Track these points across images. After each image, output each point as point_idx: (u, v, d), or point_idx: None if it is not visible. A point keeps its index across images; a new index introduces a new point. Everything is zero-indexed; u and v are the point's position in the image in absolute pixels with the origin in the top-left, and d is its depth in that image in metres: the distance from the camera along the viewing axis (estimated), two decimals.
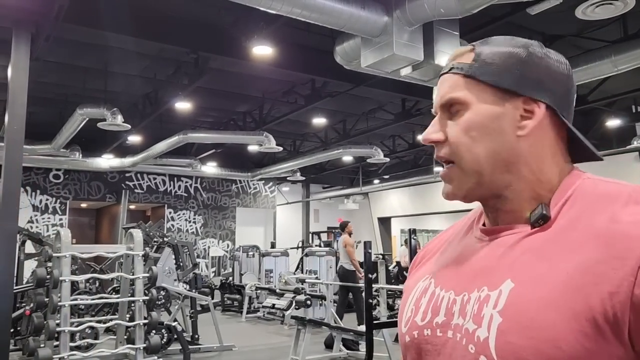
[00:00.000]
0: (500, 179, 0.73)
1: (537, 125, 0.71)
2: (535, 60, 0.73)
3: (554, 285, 0.63)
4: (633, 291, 0.58)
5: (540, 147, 0.72)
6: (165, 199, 14.99)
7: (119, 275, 6.15)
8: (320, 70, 7.90)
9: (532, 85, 0.72)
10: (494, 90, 0.73)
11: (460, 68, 0.76)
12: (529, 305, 0.63)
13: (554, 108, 0.72)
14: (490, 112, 0.72)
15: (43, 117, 10.32)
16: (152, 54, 7.87)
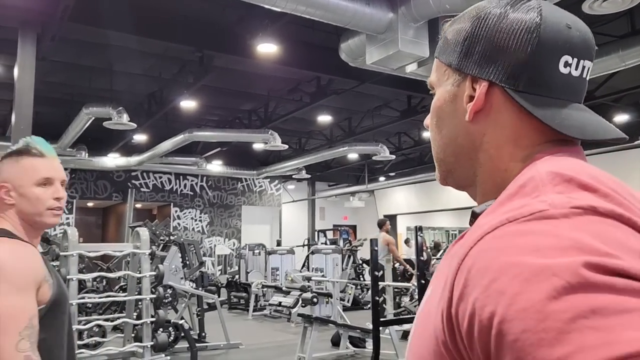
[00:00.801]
0: (466, 167, 0.65)
1: (484, 107, 0.61)
2: (483, 29, 0.62)
3: (432, 296, 0.57)
4: (449, 309, 0.49)
5: (495, 131, 0.62)
6: (171, 198, 15.03)
7: (126, 274, 6.18)
8: (326, 67, 7.89)
9: (477, 60, 0.62)
10: (451, 70, 0.65)
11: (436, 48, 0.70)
12: (421, 315, 0.60)
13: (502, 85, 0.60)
14: (445, 95, 0.66)
15: (49, 116, 10.36)
16: (157, 53, 7.88)
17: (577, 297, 0.40)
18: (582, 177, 0.52)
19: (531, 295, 0.42)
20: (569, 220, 0.47)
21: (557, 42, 0.59)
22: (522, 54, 0.59)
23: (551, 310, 0.40)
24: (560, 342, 0.39)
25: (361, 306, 10.92)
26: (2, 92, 8.89)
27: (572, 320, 0.40)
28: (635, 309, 0.39)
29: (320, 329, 6.73)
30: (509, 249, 0.46)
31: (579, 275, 0.41)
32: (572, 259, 0.42)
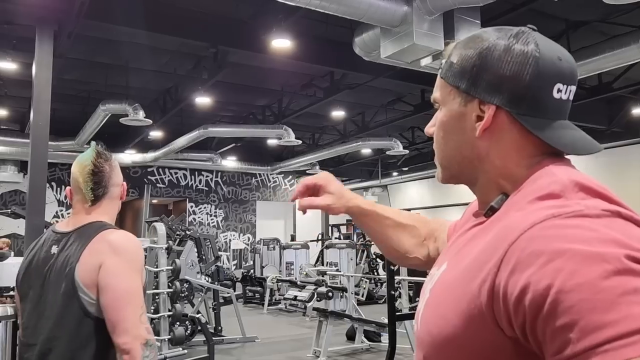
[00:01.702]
0: (468, 173, 0.78)
1: (490, 126, 0.73)
2: (490, 60, 0.73)
3: (460, 269, 0.69)
4: (494, 280, 0.60)
5: (500, 145, 0.74)
6: (186, 193, 15.14)
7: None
8: (339, 62, 7.87)
9: (485, 86, 0.73)
10: (457, 91, 0.76)
11: (439, 68, 0.81)
12: (442, 285, 0.72)
13: (507, 108, 0.72)
14: (454, 113, 0.77)
15: (66, 113, 10.48)
16: (172, 49, 7.93)
17: (624, 279, 0.52)
18: (594, 186, 0.65)
19: (586, 273, 0.53)
20: (601, 220, 0.58)
21: (551, 73, 0.71)
22: (523, 82, 0.71)
23: (605, 286, 0.51)
24: (612, 310, 0.50)
25: (375, 300, 10.93)
26: (21, 90, 9.01)
27: (621, 295, 0.51)
28: None
29: (336, 323, 6.75)
30: (560, 238, 0.57)
31: (624, 263, 0.53)
32: (616, 250, 0.54)
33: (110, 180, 1.65)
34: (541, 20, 7.01)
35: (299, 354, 6.70)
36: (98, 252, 1.48)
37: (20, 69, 7.94)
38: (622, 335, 0.49)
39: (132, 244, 1.55)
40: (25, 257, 1.65)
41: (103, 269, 1.45)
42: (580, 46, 6.79)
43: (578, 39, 7.02)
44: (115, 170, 1.69)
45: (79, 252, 1.48)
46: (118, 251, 1.49)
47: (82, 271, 1.46)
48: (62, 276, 1.47)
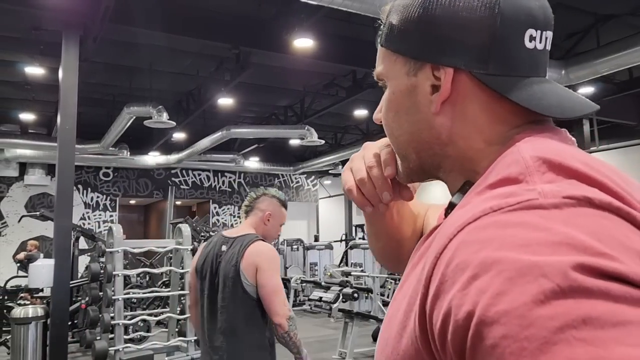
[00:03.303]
0: (429, 161, 0.61)
1: (450, 96, 0.56)
2: (439, 9, 0.55)
3: (404, 288, 0.53)
4: (424, 306, 0.44)
5: (464, 120, 0.56)
6: (210, 195, 15.24)
7: (169, 270, 6.28)
8: (362, 61, 7.80)
9: (436, 46, 0.55)
10: (404, 59, 0.59)
11: (379, 35, 0.63)
12: (391, 307, 0.55)
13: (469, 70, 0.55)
14: (402, 87, 0.60)
15: (92, 117, 10.63)
16: (194, 51, 7.97)
17: (568, 303, 0.35)
18: (572, 163, 0.46)
19: (515, 296, 0.36)
20: (560, 212, 0.41)
21: (520, 16, 0.54)
22: (485, 33, 0.53)
23: (537, 316, 0.35)
24: (544, 353, 0.34)
25: None
26: (48, 94, 9.17)
27: (559, 329, 0.34)
28: (631, 321, 0.34)
29: (361, 324, 6.70)
30: (493, 242, 0.40)
31: (571, 278, 0.36)
32: (564, 258, 0.37)
33: (257, 207, 2.43)
34: (569, 14, 6.85)
35: (325, 355, 6.66)
36: (254, 255, 2.23)
37: (47, 74, 8.08)
38: None
39: (274, 252, 2.33)
40: (202, 251, 2.40)
41: (260, 271, 2.21)
42: (609, 40, 6.62)
43: (607, 33, 6.84)
44: (267, 203, 2.43)
45: (242, 252, 2.24)
46: (267, 257, 2.25)
47: (244, 264, 2.22)
48: (230, 265, 2.23)
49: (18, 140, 10.97)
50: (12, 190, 12.83)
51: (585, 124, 10.11)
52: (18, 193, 12.86)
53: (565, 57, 7.35)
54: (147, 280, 8.77)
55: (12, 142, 11.01)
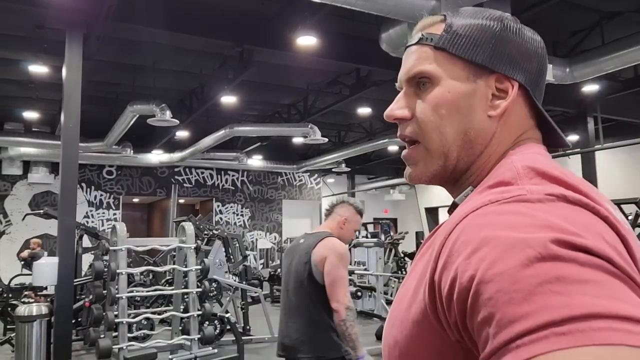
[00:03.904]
0: (465, 160, 0.69)
1: (510, 104, 0.67)
2: (509, 35, 0.68)
3: (415, 272, 0.64)
4: (432, 278, 0.55)
5: (503, 129, 0.68)
6: (213, 193, 15.25)
7: (173, 268, 6.28)
8: (365, 58, 7.80)
9: (506, 61, 0.67)
10: (465, 64, 0.67)
11: (430, 39, 0.69)
12: (401, 291, 0.66)
13: (527, 88, 0.68)
14: (461, 88, 0.67)
15: (95, 115, 10.65)
16: (197, 50, 7.97)
17: (546, 266, 0.46)
18: (553, 171, 0.59)
19: (507, 262, 0.47)
20: (542, 204, 0.53)
21: (543, 57, 0.70)
22: (537, 65, 0.68)
23: (523, 276, 0.46)
24: (527, 301, 0.44)
25: None
26: (52, 92, 9.18)
27: (539, 284, 0.45)
28: (592, 280, 0.45)
29: (365, 323, 6.69)
30: (490, 225, 0.52)
31: (549, 248, 0.47)
32: (544, 235, 0.48)
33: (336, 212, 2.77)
34: (574, 12, 6.82)
35: None
36: (325, 247, 2.57)
37: (51, 72, 8.08)
38: (535, 329, 0.43)
39: (345, 248, 2.61)
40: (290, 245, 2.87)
41: (327, 261, 2.52)
42: (614, 37, 6.58)
43: (612, 30, 6.80)
44: (344, 209, 2.77)
45: (315, 244, 2.59)
46: (335, 251, 2.55)
47: (314, 254, 2.56)
48: (304, 254, 2.61)
49: (22, 138, 11.00)
50: (16, 188, 12.86)
51: (590, 122, 10.07)
52: (22, 191, 12.90)
53: (569, 54, 7.32)
54: (150, 278, 8.78)
55: (16, 141, 11.04)
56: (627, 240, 0.52)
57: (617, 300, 0.43)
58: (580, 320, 0.42)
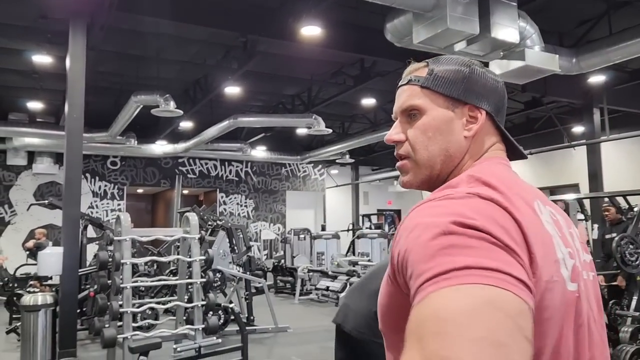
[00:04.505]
0: (446, 171, 0.89)
1: (480, 127, 0.88)
2: (476, 76, 0.90)
3: None
4: (392, 253, 0.75)
5: (474, 146, 0.88)
6: (217, 184, 15.26)
7: (177, 258, 6.30)
8: (370, 49, 7.75)
9: (475, 95, 0.89)
10: (445, 99, 0.89)
11: (417, 80, 0.90)
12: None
13: (491, 114, 0.89)
14: (443, 116, 0.88)
15: (99, 105, 10.63)
16: (201, 40, 7.93)
17: (445, 238, 0.66)
18: (486, 177, 0.78)
19: (423, 237, 0.67)
20: (460, 200, 0.72)
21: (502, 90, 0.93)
22: (499, 99, 0.91)
23: (430, 245, 0.66)
24: (430, 261, 0.64)
25: None
26: (56, 83, 9.17)
27: (439, 250, 0.65)
28: (473, 246, 0.64)
29: None
30: (421, 214, 0.72)
31: (448, 227, 0.66)
32: (448, 218, 0.67)
33: None
34: (581, 1, 6.75)
35: (332, 344, 6.67)
36: None
37: (55, 63, 8.07)
38: (432, 277, 0.62)
39: None
40: None
41: None
42: (622, 27, 6.51)
43: (620, 19, 6.73)
44: None
45: None
46: None
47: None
48: None
49: (26, 129, 11.01)
50: (20, 178, 12.90)
51: (596, 113, 10.00)
52: (27, 181, 12.94)
53: (576, 45, 7.25)
54: (154, 269, 8.81)
55: (20, 131, 11.06)
56: (521, 224, 0.69)
57: (485, 259, 0.63)
58: (459, 270, 0.62)
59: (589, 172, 10.38)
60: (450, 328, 0.57)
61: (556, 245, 0.73)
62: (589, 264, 0.83)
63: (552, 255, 0.71)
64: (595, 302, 0.81)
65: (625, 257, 4.93)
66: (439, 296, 0.61)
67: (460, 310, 0.58)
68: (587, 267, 0.81)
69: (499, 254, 0.64)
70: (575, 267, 0.75)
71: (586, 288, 0.77)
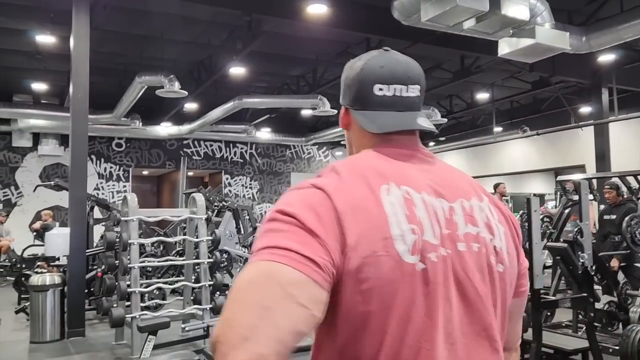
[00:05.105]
0: None
1: (345, 122, 1.00)
2: (344, 76, 0.99)
3: None
4: None
5: (354, 136, 1.00)
6: (222, 165, 15.26)
7: (184, 239, 6.31)
8: (376, 28, 7.64)
9: (342, 94, 1.00)
10: None
11: None
12: None
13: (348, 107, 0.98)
14: (341, 116, 1.02)
15: (104, 87, 10.59)
16: (206, 19, 7.84)
17: (269, 223, 0.80)
18: (340, 167, 0.87)
19: (265, 219, 0.81)
20: (301, 190, 0.84)
21: (371, 77, 0.94)
22: (354, 87, 0.96)
23: (262, 228, 0.80)
24: (258, 240, 0.79)
25: None
26: (59, 63, 9.13)
27: (263, 232, 0.79)
28: (283, 230, 0.77)
29: None
30: (276, 203, 0.84)
31: (274, 213, 0.80)
32: (278, 207, 0.81)
33: None
34: None
35: None
36: None
37: (58, 43, 8.01)
38: (254, 252, 0.77)
39: None
40: None
41: None
42: (633, 5, 6.39)
43: None
44: None
45: None
46: None
47: None
48: None
49: (31, 110, 10.99)
50: (26, 160, 12.92)
51: (604, 93, 9.89)
52: (32, 163, 12.96)
53: (586, 23, 7.13)
54: (161, 250, 8.84)
55: (25, 112, 11.04)
56: (338, 210, 0.78)
57: (285, 240, 0.75)
58: (262, 249, 0.76)
59: (596, 152, 10.31)
60: (236, 295, 0.73)
61: (391, 224, 0.79)
62: (474, 236, 0.86)
63: (381, 233, 0.78)
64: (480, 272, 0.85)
65: (635, 237, 4.90)
66: (243, 269, 0.77)
67: (246, 280, 0.74)
68: (471, 239, 0.86)
69: (300, 237, 0.75)
70: (422, 242, 0.80)
71: (460, 258, 0.83)
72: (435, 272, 0.80)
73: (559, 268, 5.39)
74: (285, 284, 0.72)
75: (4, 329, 6.26)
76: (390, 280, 0.77)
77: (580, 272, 3.88)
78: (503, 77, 10.79)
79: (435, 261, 0.80)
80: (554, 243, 5.17)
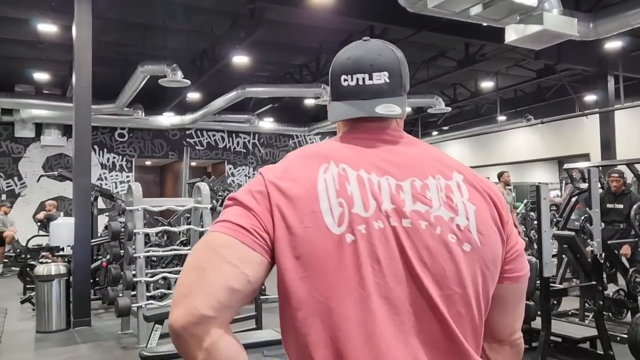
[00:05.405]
0: None
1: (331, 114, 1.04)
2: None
3: None
4: None
5: (336, 126, 1.07)
6: (225, 155, 15.23)
7: (189, 228, 6.29)
8: (380, 15, 7.58)
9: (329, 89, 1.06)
10: None
11: None
12: None
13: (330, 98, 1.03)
14: None
15: (106, 77, 10.52)
16: (208, 7, 7.78)
17: (226, 208, 0.90)
18: (292, 153, 0.96)
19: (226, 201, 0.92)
20: (255, 178, 0.92)
21: (339, 69, 0.99)
22: (330, 80, 1.01)
23: (224, 209, 0.91)
24: (220, 217, 0.89)
25: None
26: (61, 53, 9.07)
27: (223, 213, 0.89)
28: (226, 211, 0.89)
29: None
30: None
31: (229, 200, 0.91)
32: (234, 194, 0.91)
33: None
34: None
35: None
36: None
37: (60, 32, 7.96)
38: (213, 224, 0.88)
39: None
40: None
41: None
42: None
43: None
44: None
45: None
46: None
47: None
48: None
49: (33, 100, 10.95)
50: (29, 150, 12.91)
51: (610, 81, 9.81)
52: (35, 154, 12.95)
53: (594, 9, 7.04)
54: (165, 239, 8.84)
55: (27, 103, 11.00)
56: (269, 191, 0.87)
57: (228, 215, 0.87)
58: (220, 222, 0.86)
59: (601, 141, 10.25)
60: (185, 264, 0.86)
61: (321, 199, 0.85)
62: (422, 214, 0.87)
63: (309, 207, 0.84)
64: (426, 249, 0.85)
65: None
66: None
67: (193, 251, 0.87)
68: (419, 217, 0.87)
69: (236, 211, 0.87)
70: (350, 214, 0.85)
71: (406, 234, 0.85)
72: (365, 244, 0.84)
73: (564, 256, 5.38)
74: (216, 246, 0.83)
75: (10, 319, 6.27)
76: (319, 250, 0.83)
77: (590, 260, 3.85)
78: (507, 66, 10.70)
79: (364, 233, 0.84)
80: (561, 231, 5.14)
